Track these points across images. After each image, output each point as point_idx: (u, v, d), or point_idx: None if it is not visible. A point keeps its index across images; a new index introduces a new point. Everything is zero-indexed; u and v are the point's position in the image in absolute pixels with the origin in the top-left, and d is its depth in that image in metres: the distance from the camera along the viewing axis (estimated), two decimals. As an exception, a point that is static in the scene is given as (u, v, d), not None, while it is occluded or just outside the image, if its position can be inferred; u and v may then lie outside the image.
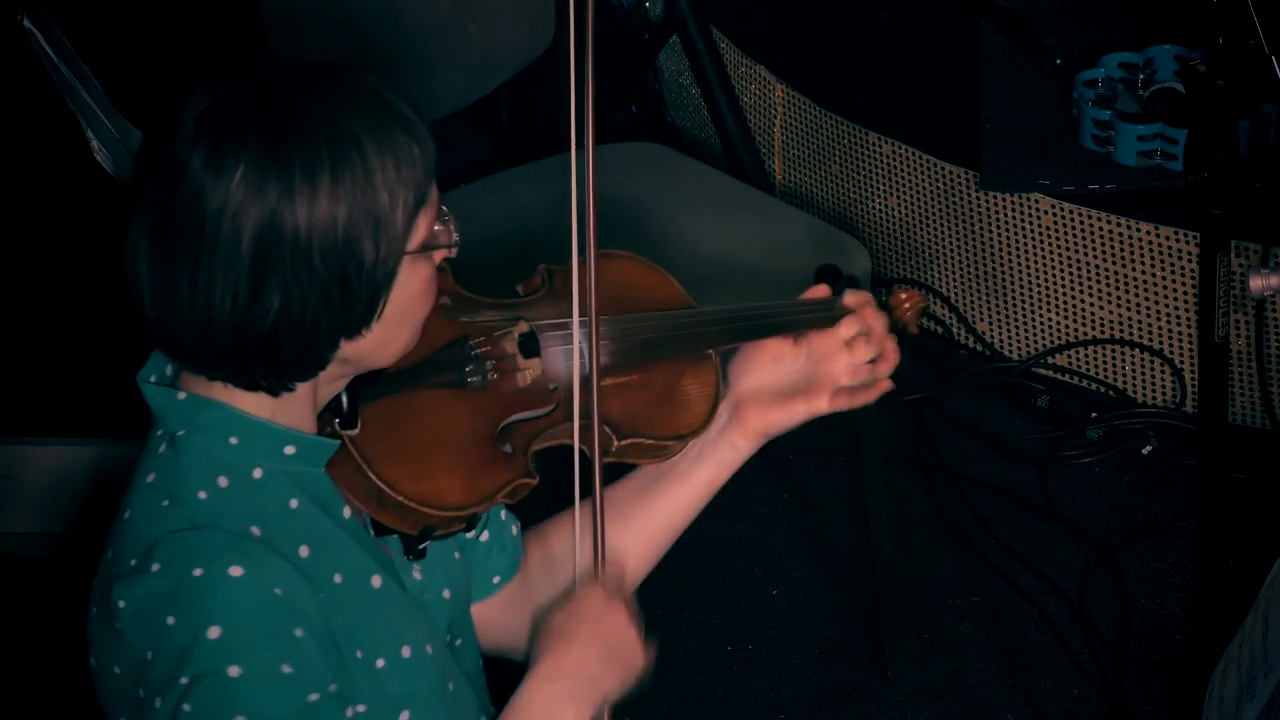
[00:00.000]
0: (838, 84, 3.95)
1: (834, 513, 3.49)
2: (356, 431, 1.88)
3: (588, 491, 2.00)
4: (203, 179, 1.72)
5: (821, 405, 2.13)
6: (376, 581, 1.88)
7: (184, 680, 1.73)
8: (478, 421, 1.96)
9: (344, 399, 1.88)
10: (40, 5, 3.09)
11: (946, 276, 3.80)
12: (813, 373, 2.15)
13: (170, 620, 1.74)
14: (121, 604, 1.77)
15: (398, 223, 1.78)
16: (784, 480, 3.55)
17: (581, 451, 1.99)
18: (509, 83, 3.30)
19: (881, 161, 3.83)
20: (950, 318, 3.81)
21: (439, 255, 1.85)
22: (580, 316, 1.98)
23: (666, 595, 3.27)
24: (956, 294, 3.79)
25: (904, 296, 2.28)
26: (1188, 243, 3.48)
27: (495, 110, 4.05)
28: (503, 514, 2.12)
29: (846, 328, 2.17)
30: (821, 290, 2.21)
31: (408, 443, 1.91)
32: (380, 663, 1.86)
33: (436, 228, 1.84)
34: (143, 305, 1.77)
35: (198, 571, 1.75)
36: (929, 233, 3.79)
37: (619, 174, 3.21)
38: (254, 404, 1.83)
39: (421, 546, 1.94)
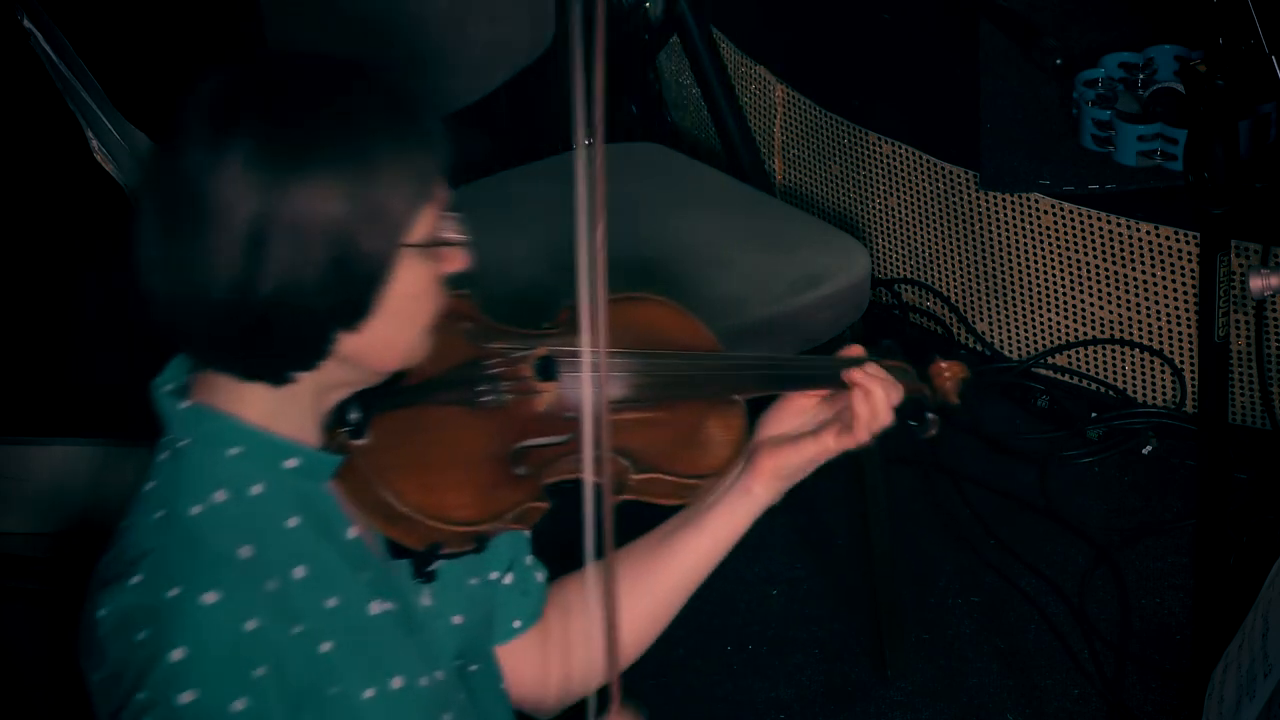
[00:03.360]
0: (838, 84, 3.95)
1: (834, 513, 3.49)
2: (366, 442, 1.87)
3: (599, 530, 1.95)
4: (206, 156, 1.72)
5: (829, 443, 2.12)
6: (374, 608, 1.87)
7: (140, 697, 1.73)
8: (491, 442, 1.95)
9: (354, 410, 1.87)
10: (40, 5, 3.09)
11: (946, 276, 3.80)
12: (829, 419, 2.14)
13: (140, 636, 1.74)
14: (103, 611, 1.77)
15: (397, 213, 1.77)
16: (784, 480, 3.55)
17: (595, 486, 1.95)
18: (509, 83, 3.30)
19: (881, 161, 3.83)
20: (950, 318, 3.81)
21: (446, 261, 1.84)
22: (597, 346, 1.95)
23: (666, 595, 3.27)
24: (956, 294, 3.79)
25: (944, 366, 2.25)
26: (1188, 243, 3.48)
27: (495, 110, 4.05)
28: (528, 559, 2.11)
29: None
30: (855, 349, 2.18)
31: (417, 456, 1.89)
32: (369, 693, 1.84)
33: (444, 234, 1.83)
34: (146, 293, 1.77)
35: (173, 592, 1.75)
36: (929, 233, 3.79)
37: (619, 174, 3.20)
38: (258, 413, 1.82)
39: (430, 568, 1.91)
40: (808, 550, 3.43)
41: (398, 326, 1.82)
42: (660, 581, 2.13)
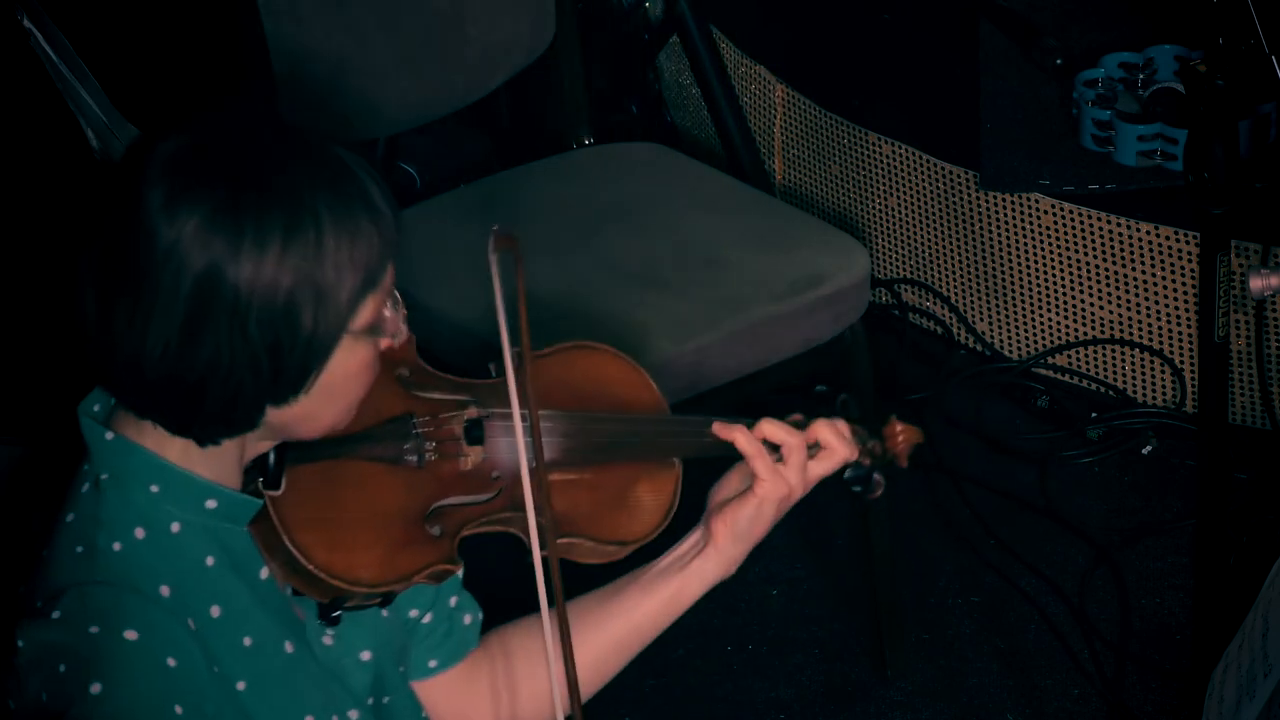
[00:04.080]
0: (838, 84, 3.95)
1: (834, 513, 3.49)
2: (279, 493, 1.84)
3: (550, 591, 1.93)
4: (156, 220, 1.70)
5: (766, 490, 2.07)
6: (289, 647, 1.86)
7: None
8: (407, 499, 1.91)
9: (271, 458, 1.85)
10: (40, 5, 3.09)
11: (946, 276, 3.80)
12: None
13: (62, 668, 1.74)
14: (22, 642, 1.77)
15: (342, 301, 1.75)
16: (784, 480, 3.55)
17: (532, 547, 1.92)
18: (509, 83, 3.29)
19: (881, 161, 3.83)
20: (950, 318, 3.81)
21: (383, 341, 1.82)
22: (524, 410, 1.87)
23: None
24: (956, 294, 3.79)
25: (899, 429, 2.20)
26: (1188, 243, 3.48)
27: (495, 110, 4.05)
28: (453, 600, 2.10)
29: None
30: (795, 418, 2.14)
31: (329, 512, 1.86)
32: None
33: (386, 313, 1.81)
34: (82, 331, 1.76)
35: (94, 629, 1.75)
36: (929, 233, 3.79)
37: (619, 174, 3.21)
38: (179, 452, 1.81)
39: (335, 614, 1.90)
40: (808, 550, 3.43)
41: (327, 402, 1.81)
42: (605, 635, 2.10)
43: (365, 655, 1.97)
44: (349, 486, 1.89)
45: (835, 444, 2.10)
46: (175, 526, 1.81)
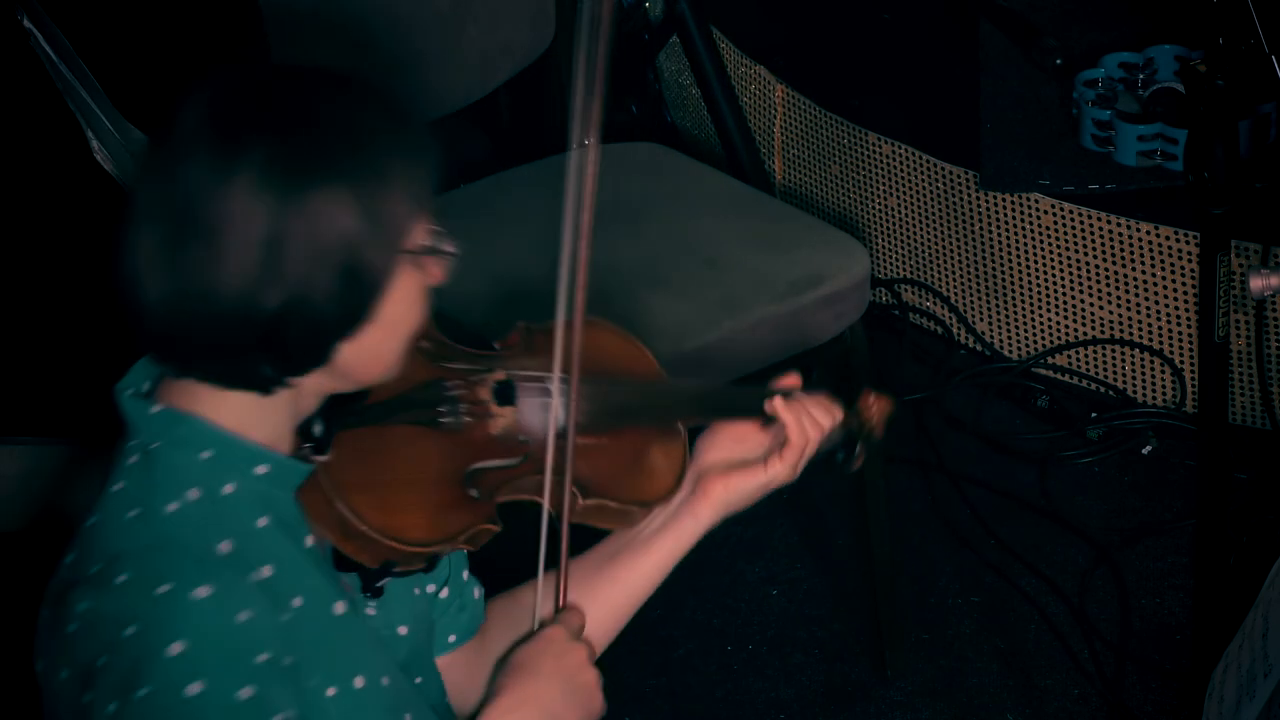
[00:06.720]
0: (838, 84, 3.95)
1: (834, 513, 3.49)
2: (328, 458, 1.88)
3: (553, 545, 2.01)
4: (212, 171, 1.72)
5: (777, 471, 2.17)
6: (339, 608, 1.88)
7: (140, 693, 1.72)
8: (447, 462, 1.96)
9: (317, 428, 1.88)
10: (40, 5, 3.09)
11: (946, 276, 3.80)
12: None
13: (130, 631, 1.74)
14: (80, 608, 1.77)
15: (400, 223, 1.79)
16: (784, 480, 3.56)
17: (549, 512, 2.00)
18: (509, 83, 3.30)
19: (881, 161, 3.83)
20: (950, 318, 3.81)
21: (432, 272, 1.84)
22: (561, 373, 2.00)
23: (667, 595, 3.26)
24: (956, 294, 3.79)
25: (872, 400, 2.29)
26: (1188, 243, 3.48)
27: (495, 110, 4.05)
28: (465, 574, 2.13)
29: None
30: (793, 379, 2.22)
31: (378, 475, 1.90)
32: (331, 691, 1.85)
33: (431, 243, 1.84)
34: (141, 303, 1.77)
35: (164, 588, 1.75)
36: (929, 233, 3.79)
37: (619, 174, 3.21)
38: (231, 418, 1.82)
39: (380, 584, 1.93)
40: (808, 550, 3.43)
41: (388, 336, 1.83)
42: (602, 600, 2.14)
43: (403, 630, 2.00)
44: (393, 450, 1.93)
45: (833, 412, 2.20)
46: (228, 488, 1.82)
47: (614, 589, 2.15)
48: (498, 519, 1.96)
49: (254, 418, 1.83)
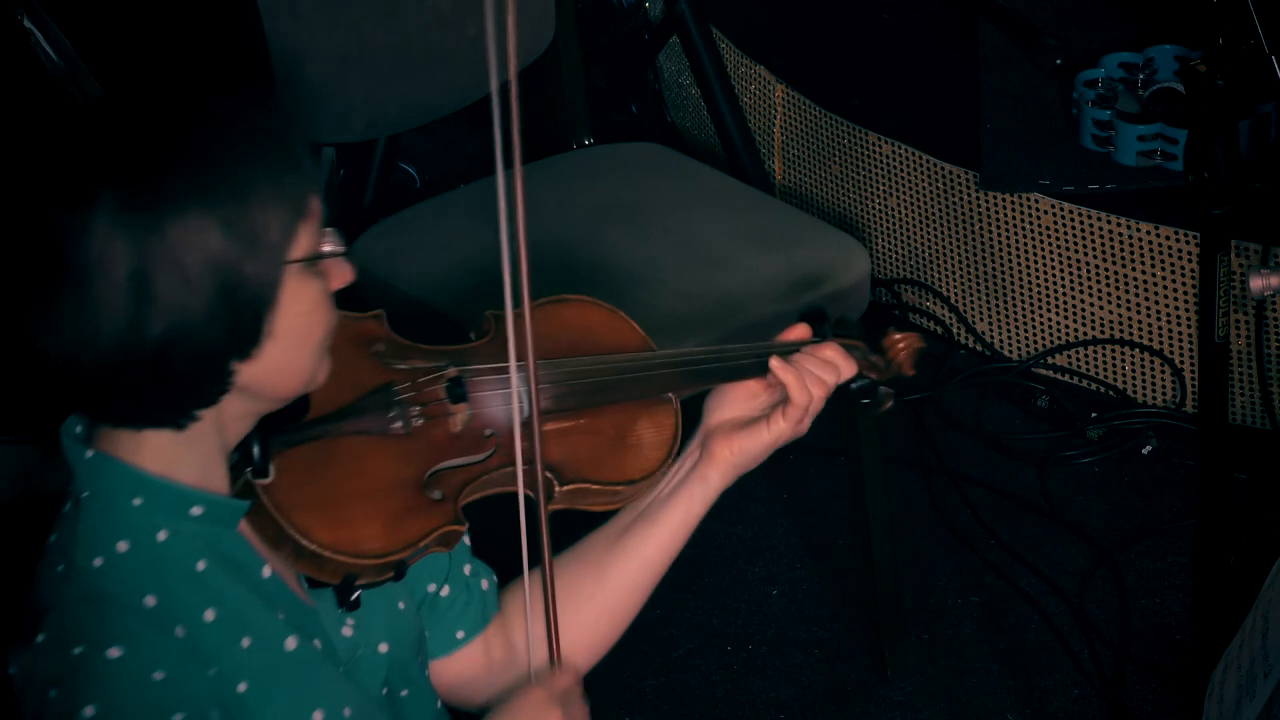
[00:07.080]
0: (838, 84, 3.95)
1: (834, 513, 3.49)
2: (270, 480, 1.84)
3: (536, 540, 1.96)
4: (70, 214, 1.70)
5: (783, 428, 2.13)
6: (291, 644, 1.85)
7: None
8: (402, 468, 1.92)
9: (256, 447, 1.84)
10: (40, 5, 3.09)
11: (946, 276, 3.80)
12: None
13: (52, 693, 1.74)
14: (12, 670, 1.77)
15: (275, 236, 1.75)
16: (784, 480, 3.55)
17: (527, 498, 1.94)
18: (509, 83, 3.29)
19: (881, 161, 3.83)
20: (950, 318, 3.81)
21: (332, 277, 1.81)
22: (516, 361, 1.93)
23: (666, 595, 3.26)
24: (956, 294, 3.79)
25: (898, 338, 2.24)
26: (1188, 243, 3.48)
27: (495, 110, 4.04)
28: (467, 568, 2.10)
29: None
30: (800, 331, 2.19)
31: (324, 490, 1.86)
32: None
33: (325, 247, 1.80)
34: (39, 348, 1.75)
35: (77, 650, 1.74)
36: (929, 233, 3.79)
37: (619, 174, 3.21)
38: (161, 461, 1.80)
39: (353, 597, 1.90)
40: (808, 550, 3.43)
41: (292, 348, 1.79)
42: (617, 578, 2.12)
43: (383, 647, 1.98)
44: (339, 463, 1.89)
45: (840, 363, 2.15)
46: (162, 535, 1.80)
47: (629, 563, 2.12)
48: (463, 518, 1.93)
49: (178, 456, 1.80)
